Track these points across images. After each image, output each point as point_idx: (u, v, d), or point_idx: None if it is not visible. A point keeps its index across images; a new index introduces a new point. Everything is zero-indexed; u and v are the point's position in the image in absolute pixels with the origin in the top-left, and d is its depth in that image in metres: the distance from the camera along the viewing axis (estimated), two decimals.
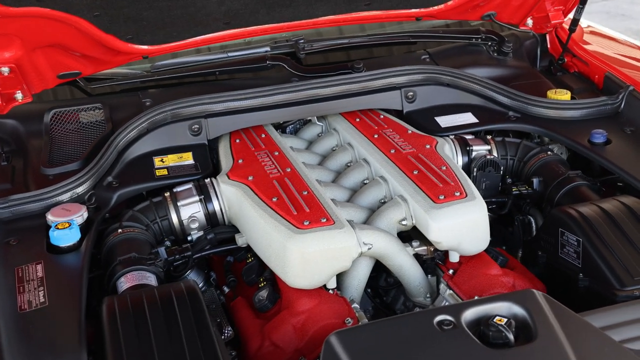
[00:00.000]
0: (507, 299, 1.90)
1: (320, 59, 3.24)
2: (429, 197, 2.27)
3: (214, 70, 3.04)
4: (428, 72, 2.98)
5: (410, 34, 3.21)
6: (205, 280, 2.53)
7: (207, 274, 2.54)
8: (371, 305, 2.47)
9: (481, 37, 3.25)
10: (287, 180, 2.42)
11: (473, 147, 2.70)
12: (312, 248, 2.12)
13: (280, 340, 2.11)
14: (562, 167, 2.61)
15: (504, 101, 2.92)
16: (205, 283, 2.53)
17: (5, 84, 2.66)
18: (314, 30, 3.28)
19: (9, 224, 2.41)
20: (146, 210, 2.50)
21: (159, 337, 1.90)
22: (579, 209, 2.29)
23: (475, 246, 2.27)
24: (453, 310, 1.86)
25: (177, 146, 2.78)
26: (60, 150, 2.75)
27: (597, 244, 2.16)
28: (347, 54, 3.29)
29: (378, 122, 2.83)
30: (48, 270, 2.18)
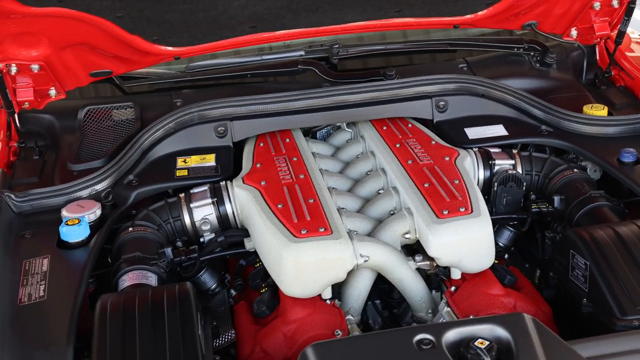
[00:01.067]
0: (493, 321, 1.84)
1: (355, 65, 3.21)
2: (433, 211, 2.21)
3: (246, 72, 3.05)
4: (461, 82, 2.91)
5: (449, 42, 3.14)
6: (219, 282, 2.54)
7: (222, 276, 2.56)
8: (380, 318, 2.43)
9: (523, 47, 3.14)
10: (297, 187, 2.41)
11: (496, 161, 2.62)
12: (306, 257, 2.10)
13: (270, 347, 2.10)
14: (587, 186, 2.50)
15: (538, 114, 2.83)
16: (219, 285, 2.54)
17: (38, 80, 2.76)
18: (354, 35, 3.26)
19: (28, 217, 2.49)
20: (160, 210, 2.53)
21: (144, 338, 1.92)
22: (591, 231, 2.19)
23: (478, 264, 2.20)
24: (435, 329, 1.82)
25: (203, 147, 2.80)
26: (89, 147, 2.82)
27: (604, 269, 2.07)
28: (383, 61, 3.25)
29: (404, 131, 2.78)
30: (53, 264, 2.24)
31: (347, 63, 3.19)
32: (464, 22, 2.90)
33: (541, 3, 2.85)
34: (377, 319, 2.45)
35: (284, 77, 3.12)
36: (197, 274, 2.50)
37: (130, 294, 2.07)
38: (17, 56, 2.59)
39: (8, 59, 2.59)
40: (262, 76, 3.11)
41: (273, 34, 2.73)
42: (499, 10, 2.81)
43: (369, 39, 3.25)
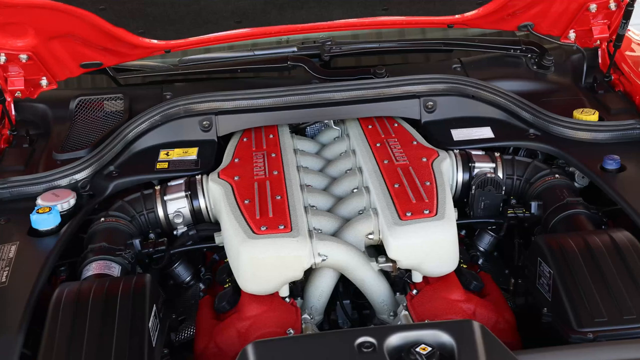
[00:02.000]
0: (439, 327, 1.81)
1: (350, 63, 3.19)
2: (397, 213, 2.18)
3: (236, 68, 3.05)
4: (451, 82, 2.86)
5: (444, 42, 3.09)
6: (193, 275, 2.55)
7: (198, 269, 2.56)
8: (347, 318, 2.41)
9: (520, 49, 3.08)
10: (267, 183, 2.40)
11: (475, 164, 2.57)
12: (261, 254, 2.09)
13: (223, 343, 2.10)
14: (566, 192, 2.44)
15: (527, 117, 2.77)
16: (194, 278, 2.55)
17: (29, 70, 2.79)
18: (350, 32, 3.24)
19: (6, 204, 2.53)
20: (135, 201, 2.55)
21: (92, 330, 1.93)
22: (560, 239, 2.14)
23: (439, 268, 2.16)
24: (378, 333, 1.80)
25: (187, 141, 2.81)
26: (76, 137, 2.85)
27: (567, 279, 2.01)
28: (377, 59, 3.22)
29: (388, 131, 2.75)
30: (20, 251, 2.27)
31: (341, 61, 3.16)
32: (457, 22, 2.86)
33: (536, 4, 2.78)
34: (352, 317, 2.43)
35: (275, 73, 3.11)
36: (171, 266, 2.51)
37: (88, 284, 2.09)
38: (4, 45, 2.63)
39: None
40: (253, 72, 3.10)
41: (259, 30, 2.72)
42: (491, 11, 2.76)
43: (364, 37, 3.22)
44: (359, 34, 3.26)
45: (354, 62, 3.21)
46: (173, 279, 2.54)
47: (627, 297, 1.94)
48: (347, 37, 3.19)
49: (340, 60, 3.18)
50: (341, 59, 3.15)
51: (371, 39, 3.23)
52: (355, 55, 3.16)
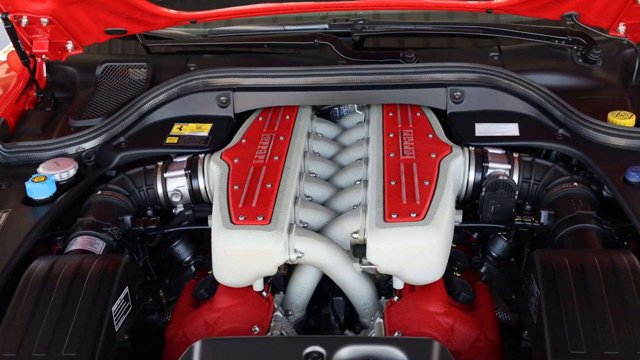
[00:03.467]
0: (396, 343, 1.70)
1: (384, 44, 3.04)
2: (383, 213, 2.05)
3: (263, 43, 2.96)
4: (482, 72, 2.68)
5: (484, 28, 2.90)
6: (194, 254, 2.51)
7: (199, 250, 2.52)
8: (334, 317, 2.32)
9: (566, 39, 2.85)
10: (263, 168, 2.32)
11: (489, 164, 2.41)
12: (234, 246, 2.02)
13: (190, 333, 2.05)
14: (582, 203, 2.25)
15: (558, 116, 2.57)
16: (194, 258, 2.51)
17: (52, 34, 2.79)
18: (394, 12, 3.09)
19: (12, 168, 2.54)
20: (136, 176, 2.51)
21: (54, 308, 1.92)
22: (554, 256, 1.97)
23: (420, 276, 2.02)
24: (329, 344, 1.70)
25: (203, 116, 2.76)
26: (96, 104, 2.84)
27: (552, 302, 1.85)
28: (410, 42, 3.05)
29: (407, 120, 2.61)
30: (10, 219, 2.27)
31: (375, 41, 3.02)
32: (495, 7, 2.66)
33: None
34: (340, 316, 2.34)
35: (303, 51, 3.00)
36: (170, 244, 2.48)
37: (62, 261, 2.07)
38: (24, 8, 2.62)
39: (16, 10, 2.63)
40: (279, 47, 3.00)
41: (282, 5, 2.62)
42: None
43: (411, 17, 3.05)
44: (404, 13, 3.09)
45: (388, 43, 3.06)
46: (174, 257, 2.51)
47: (613, 330, 1.76)
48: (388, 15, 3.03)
49: (373, 41, 3.03)
50: (374, 39, 3.00)
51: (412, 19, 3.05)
52: (388, 36, 3.00)
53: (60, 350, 1.82)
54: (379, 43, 3.07)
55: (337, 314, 2.34)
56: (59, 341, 1.84)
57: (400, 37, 3.05)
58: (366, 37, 2.99)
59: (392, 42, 3.07)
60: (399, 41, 3.08)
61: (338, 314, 2.34)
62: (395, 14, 3.08)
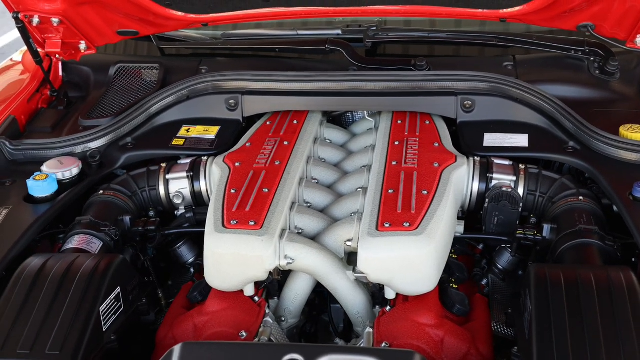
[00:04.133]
0: (377, 355, 1.67)
1: (394, 50, 3.01)
2: (377, 222, 2.02)
3: (275, 47, 2.95)
4: (494, 82, 2.63)
5: (498, 36, 2.85)
6: (197, 257, 2.50)
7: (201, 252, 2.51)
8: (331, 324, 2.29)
9: (583, 50, 2.78)
10: (262, 173, 2.30)
11: (494, 175, 2.35)
12: (223, 250, 2.00)
13: (179, 335, 2.04)
14: (586, 218, 2.18)
15: (569, 128, 2.51)
16: (196, 260, 2.50)
17: (65, 34, 2.81)
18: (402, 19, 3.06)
19: (19, 165, 2.56)
20: (140, 177, 2.52)
21: (42, 306, 1.92)
22: (550, 272, 1.91)
23: (412, 286, 1.98)
24: (308, 352, 1.68)
25: (211, 118, 2.75)
26: (107, 104, 2.85)
27: (543, 319, 1.78)
28: (424, 49, 3.01)
29: (414, 128, 2.57)
30: (9, 216, 2.28)
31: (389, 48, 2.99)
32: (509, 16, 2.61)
33: (594, 2, 2.49)
34: (339, 323, 2.31)
35: (315, 56, 2.97)
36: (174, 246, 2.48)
37: (55, 259, 2.07)
38: (34, 7, 2.64)
39: (27, 10, 2.65)
40: (291, 52, 2.98)
41: (288, 10, 2.59)
42: (539, 7, 2.49)
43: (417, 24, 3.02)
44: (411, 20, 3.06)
45: (401, 50, 3.02)
46: (178, 258, 2.50)
47: (603, 350, 1.70)
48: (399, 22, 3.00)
49: (386, 48, 3.00)
50: (387, 46, 2.97)
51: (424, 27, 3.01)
52: (401, 43, 2.96)
53: (44, 348, 1.82)
54: (392, 50, 3.03)
55: (336, 321, 2.31)
56: (44, 339, 1.84)
57: (412, 45, 3.00)
58: (379, 43, 2.95)
59: (404, 49, 3.03)
60: (412, 48, 3.03)
61: (337, 322, 2.31)
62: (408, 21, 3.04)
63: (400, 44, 3.01)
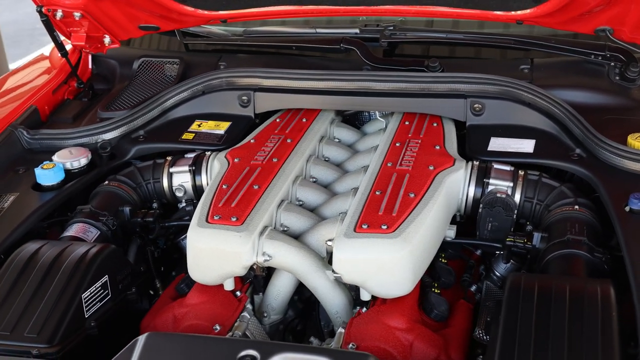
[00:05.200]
0: (332, 355, 1.67)
1: (410, 51, 2.99)
2: (356, 223, 2.02)
3: (292, 45, 2.97)
4: (505, 85, 2.59)
5: (517, 39, 2.79)
6: None
7: None
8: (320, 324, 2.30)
9: (603, 55, 2.70)
10: (257, 170, 2.32)
11: (490, 180, 2.32)
12: (202, 244, 2.04)
13: (160, 325, 2.09)
14: (578, 228, 2.13)
15: (577, 135, 2.44)
16: None
17: (89, 28, 2.89)
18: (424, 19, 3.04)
19: (35, 154, 2.66)
20: (145, 169, 2.58)
21: (28, 290, 2.00)
22: (527, 281, 1.88)
23: (386, 289, 1.97)
24: (264, 349, 1.70)
25: (224, 114, 2.80)
26: (127, 97, 2.93)
27: (510, 327, 1.75)
28: (440, 50, 2.98)
29: (419, 130, 2.55)
30: (15, 202, 2.38)
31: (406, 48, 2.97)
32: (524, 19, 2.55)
33: (611, 5, 2.41)
34: (329, 322, 2.32)
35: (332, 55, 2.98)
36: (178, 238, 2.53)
37: (49, 246, 2.14)
38: (57, 2, 2.73)
39: (50, 4, 2.74)
40: (307, 50, 3.00)
41: (297, 9, 2.60)
42: (551, 10, 2.43)
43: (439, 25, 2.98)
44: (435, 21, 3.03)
45: (417, 50, 3.00)
46: (182, 250, 2.56)
47: None
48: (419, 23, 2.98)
49: (407, 48, 2.99)
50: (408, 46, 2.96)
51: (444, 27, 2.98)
52: (418, 44, 2.94)
53: (24, 330, 1.89)
54: (411, 50, 3.01)
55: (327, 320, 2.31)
56: (25, 322, 1.91)
57: (429, 45, 2.97)
58: (398, 43, 2.94)
59: (424, 50, 3.00)
60: (431, 49, 3.00)
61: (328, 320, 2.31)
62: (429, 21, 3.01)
63: (419, 45, 2.98)
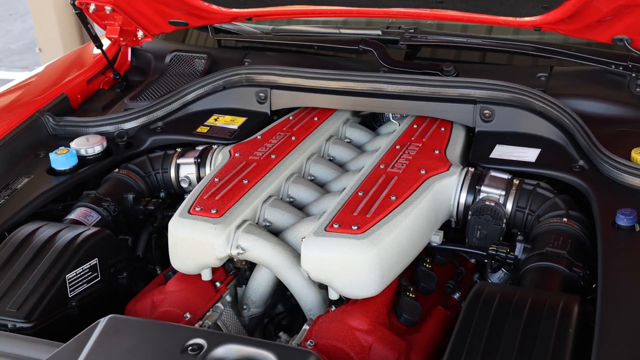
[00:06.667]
0: (274, 350, 1.71)
1: (431, 54, 2.97)
2: (327, 222, 2.04)
3: (313, 44, 3.01)
4: (517, 92, 2.54)
5: (536, 46, 2.74)
6: None
7: None
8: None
9: (624, 65, 2.62)
10: (252, 165, 2.37)
11: (482, 187, 2.29)
12: (179, 233, 2.11)
13: (139, 309, 2.16)
14: (562, 241, 2.07)
15: (583, 146, 2.38)
16: None
17: (122, 22, 3.01)
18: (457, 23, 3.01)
19: (59, 140, 2.79)
20: (156, 159, 2.67)
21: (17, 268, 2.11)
22: (491, 291, 1.85)
23: (352, 290, 1.98)
24: (212, 338, 1.75)
25: (242, 109, 2.86)
26: (154, 89, 3.03)
27: (461, 334, 1.73)
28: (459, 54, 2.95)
29: (424, 134, 2.54)
30: (27, 184, 2.51)
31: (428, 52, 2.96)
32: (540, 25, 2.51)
33: (626, 13, 2.34)
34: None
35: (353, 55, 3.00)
36: None
37: (45, 227, 2.25)
38: None
39: None
40: (327, 50, 3.03)
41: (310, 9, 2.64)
42: (562, 17, 2.37)
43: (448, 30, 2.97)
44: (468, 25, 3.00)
45: (438, 54, 2.98)
46: None
47: None
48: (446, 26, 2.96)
49: (429, 51, 2.97)
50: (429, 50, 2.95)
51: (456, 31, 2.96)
52: (437, 47, 2.92)
53: (6, 305, 2.00)
54: (432, 54, 2.99)
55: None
56: (9, 297, 2.02)
57: (450, 50, 2.95)
58: (420, 46, 2.93)
59: (441, 54, 2.98)
60: (453, 53, 2.98)
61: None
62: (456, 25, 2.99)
63: (440, 48, 2.96)
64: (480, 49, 2.87)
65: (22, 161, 2.66)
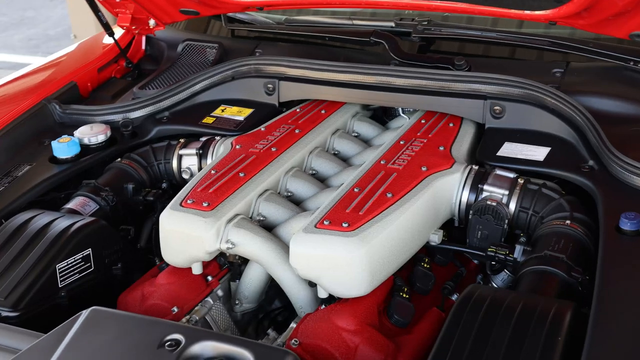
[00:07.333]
0: (252, 348, 1.67)
1: (445, 47, 2.89)
2: (318, 218, 1.99)
3: (325, 35, 2.95)
4: (528, 88, 2.46)
5: (552, 41, 2.64)
6: None
7: None
8: None
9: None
10: (251, 158, 2.33)
11: (485, 186, 2.21)
12: (171, 226, 2.07)
13: (130, 301, 2.14)
14: (563, 244, 1.99)
15: (594, 146, 2.29)
16: None
17: (135, 10, 2.99)
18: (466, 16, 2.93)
19: (65, 128, 2.78)
20: (159, 150, 2.64)
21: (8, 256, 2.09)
22: (481, 294, 1.78)
23: (340, 288, 1.93)
24: (190, 334, 1.72)
25: (250, 100, 2.82)
26: (164, 78, 3.01)
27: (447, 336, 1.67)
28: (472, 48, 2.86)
29: (431, 129, 2.47)
30: (29, 172, 2.50)
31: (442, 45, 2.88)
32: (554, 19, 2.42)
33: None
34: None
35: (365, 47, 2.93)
36: None
37: (41, 216, 2.23)
38: None
39: None
40: (338, 41, 2.97)
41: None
42: (576, 10, 2.28)
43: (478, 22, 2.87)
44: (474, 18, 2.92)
45: (451, 47, 2.90)
46: None
47: None
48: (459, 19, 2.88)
49: (443, 44, 2.89)
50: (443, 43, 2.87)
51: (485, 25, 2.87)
52: (450, 41, 2.84)
53: None
54: (446, 47, 2.91)
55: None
56: None
57: (464, 43, 2.86)
58: (434, 39, 2.85)
59: (460, 47, 2.90)
60: (467, 47, 2.89)
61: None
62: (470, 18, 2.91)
63: (454, 42, 2.88)
64: (494, 42, 2.78)
65: (27, 148, 2.65)
